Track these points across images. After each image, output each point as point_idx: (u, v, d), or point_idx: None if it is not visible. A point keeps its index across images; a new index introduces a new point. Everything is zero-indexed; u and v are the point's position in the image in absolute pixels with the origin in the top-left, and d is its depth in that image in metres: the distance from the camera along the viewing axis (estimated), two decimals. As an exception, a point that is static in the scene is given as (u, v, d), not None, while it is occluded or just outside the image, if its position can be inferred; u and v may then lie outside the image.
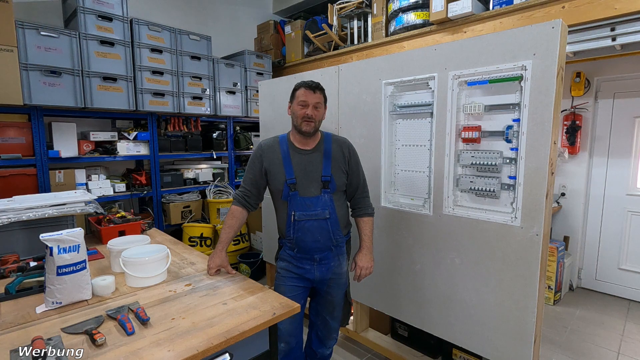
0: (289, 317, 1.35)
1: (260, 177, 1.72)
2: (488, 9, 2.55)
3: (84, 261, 1.38)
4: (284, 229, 1.72)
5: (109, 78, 2.80)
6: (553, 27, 1.40)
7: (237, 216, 1.72)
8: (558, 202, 3.47)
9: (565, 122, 3.32)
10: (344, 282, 1.82)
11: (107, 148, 3.04)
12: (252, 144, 3.99)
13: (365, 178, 1.84)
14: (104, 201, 2.95)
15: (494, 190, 1.65)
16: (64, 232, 1.34)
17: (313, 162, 1.69)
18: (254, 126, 4.21)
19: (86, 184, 2.89)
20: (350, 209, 1.85)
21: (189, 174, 3.60)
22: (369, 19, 3.35)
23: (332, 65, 3.10)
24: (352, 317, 2.57)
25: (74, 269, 1.34)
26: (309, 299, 1.88)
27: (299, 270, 1.73)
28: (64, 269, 1.31)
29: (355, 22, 3.55)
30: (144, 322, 1.21)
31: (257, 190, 1.75)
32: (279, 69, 4.28)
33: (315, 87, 1.65)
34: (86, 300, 1.40)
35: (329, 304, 1.82)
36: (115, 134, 3.06)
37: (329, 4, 3.65)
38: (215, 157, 3.75)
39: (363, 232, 1.80)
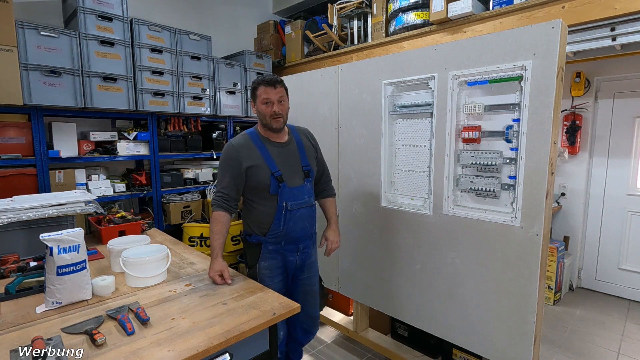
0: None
1: (239, 178, 1.67)
2: (488, 9, 2.55)
3: (84, 261, 1.38)
4: (270, 223, 1.71)
5: (109, 78, 2.80)
6: (553, 27, 1.40)
7: (222, 221, 1.66)
8: (558, 202, 3.47)
9: (565, 122, 3.32)
10: (317, 269, 1.96)
11: (107, 148, 3.03)
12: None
13: (325, 162, 1.97)
14: (104, 201, 2.95)
15: (494, 190, 1.65)
16: (64, 232, 1.34)
17: (291, 154, 1.76)
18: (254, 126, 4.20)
19: (86, 184, 2.89)
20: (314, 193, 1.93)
21: (189, 174, 3.60)
22: (369, 19, 3.35)
23: (332, 65, 3.10)
24: (352, 317, 2.57)
25: (74, 269, 1.34)
26: None
27: (285, 264, 1.78)
28: (64, 269, 1.32)
29: (355, 22, 3.54)
30: (144, 322, 1.21)
31: (237, 192, 1.70)
32: (279, 69, 4.27)
33: (274, 82, 1.66)
34: (86, 300, 1.40)
35: (309, 295, 1.90)
36: (115, 134, 3.06)
37: (329, 4, 3.65)
38: (215, 157, 3.75)
39: (330, 211, 1.95)
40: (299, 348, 2.04)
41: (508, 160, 1.61)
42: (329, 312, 2.77)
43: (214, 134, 3.75)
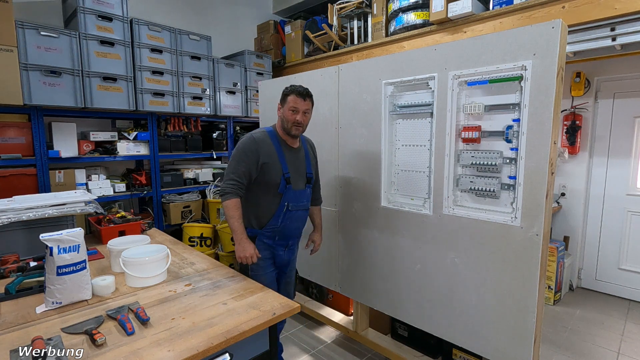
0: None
1: (254, 170, 1.76)
2: (488, 9, 2.55)
3: (84, 261, 1.38)
4: (269, 218, 1.82)
5: (109, 78, 2.80)
6: (553, 27, 1.40)
7: (239, 207, 1.74)
8: (558, 202, 3.47)
9: (565, 122, 3.32)
10: (295, 263, 2.13)
11: (107, 148, 3.03)
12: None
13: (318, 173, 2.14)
14: (104, 201, 2.95)
15: (494, 190, 1.65)
16: (64, 232, 1.34)
17: (300, 160, 1.90)
18: (254, 126, 4.21)
19: (86, 184, 2.89)
20: None
21: (189, 174, 3.60)
22: (369, 19, 3.35)
23: (332, 65, 3.10)
24: (352, 317, 2.58)
25: (74, 269, 1.34)
26: None
27: (274, 257, 1.91)
28: (64, 269, 1.32)
29: (355, 22, 3.54)
30: (144, 322, 1.21)
31: (248, 182, 1.77)
32: (279, 69, 4.27)
33: (305, 95, 1.80)
34: (86, 300, 1.40)
35: (289, 285, 2.07)
36: (115, 134, 3.06)
37: (329, 4, 3.65)
38: (215, 157, 3.75)
39: (317, 217, 2.15)
40: None
41: (508, 160, 1.61)
42: (329, 312, 2.77)
43: (214, 134, 3.75)
